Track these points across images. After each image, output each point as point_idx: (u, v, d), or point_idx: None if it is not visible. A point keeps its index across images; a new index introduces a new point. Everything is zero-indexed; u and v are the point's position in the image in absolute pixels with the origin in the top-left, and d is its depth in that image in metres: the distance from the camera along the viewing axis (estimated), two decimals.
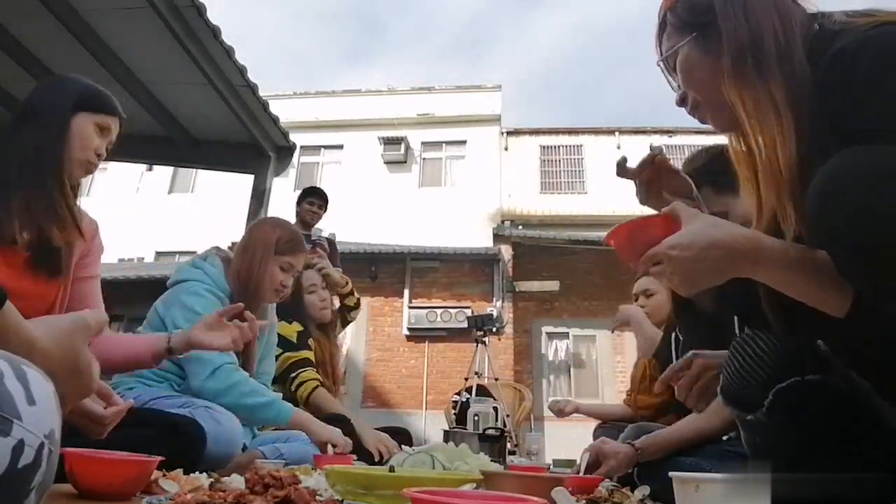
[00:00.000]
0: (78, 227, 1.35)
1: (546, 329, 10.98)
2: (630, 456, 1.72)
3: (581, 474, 1.70)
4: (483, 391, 5.42)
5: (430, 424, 8.95)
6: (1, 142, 1.34)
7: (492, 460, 1.63)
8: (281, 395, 1.91)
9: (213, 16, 3.38)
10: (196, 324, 1.47)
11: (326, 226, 4.28)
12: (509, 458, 2.55)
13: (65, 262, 1.39)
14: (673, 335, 2.26)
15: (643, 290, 2.64)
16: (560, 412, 2.98)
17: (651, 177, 1.28)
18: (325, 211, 4.11)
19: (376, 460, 2.21)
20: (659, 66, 1.08)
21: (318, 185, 4.61)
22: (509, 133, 13.35)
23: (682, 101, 1.05)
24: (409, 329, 10.36)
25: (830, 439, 0.96)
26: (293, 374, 2.51)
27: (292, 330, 2.62)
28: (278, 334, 2.54)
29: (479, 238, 11.20)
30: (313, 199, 4.06)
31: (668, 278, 0.89)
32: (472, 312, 7.88)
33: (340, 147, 13.22)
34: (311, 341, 2.64)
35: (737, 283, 0.88)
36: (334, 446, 1.83)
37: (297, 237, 2.10)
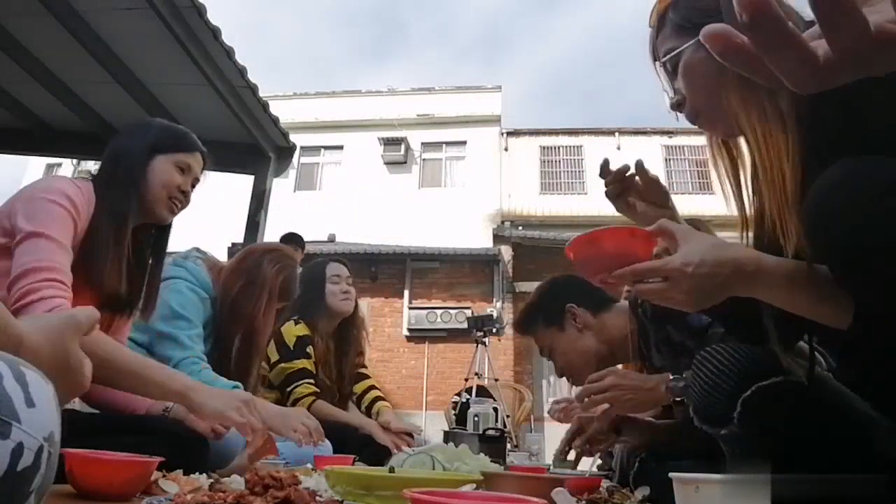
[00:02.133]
0: (122, 282, 1.41)
1: None
2: (611, 417, 1.74)
3: (563, 447, 1.75)
4: (483, 392, 5.42)
5: (430, 425, 8.94)
6: (97, 190, 1.41)
7: (491, 461, 1.63)
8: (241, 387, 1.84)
9: (223, 16, 3.38)
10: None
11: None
12: (509, 459, 2.55)
13: (146, 303, 1.53)
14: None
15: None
16: (561, 420, 2.97)
17: (623, 188, 1.30)
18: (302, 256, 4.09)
19: (394, 453, 2.22)
20: (656, 67, 1.03)
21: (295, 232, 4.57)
22: (509, 134, 13.36)
23: (677, 106, 0.99)
24: (409, 330, 10.36)
25: (805, 437, 0.96)
26: (289, 389, 2.46)
27: (292, 334, 2.53)
28: (279, 334, 2.51)
29: (479, 239, 11.20)
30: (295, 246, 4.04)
31: (672, 297, 0.86)
32: (472, 313, 7.88)
33: (340, 148, 13.23)
34: (309, 349, 2.55)
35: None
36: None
37: (294, 283, 2.12)
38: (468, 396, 4.34)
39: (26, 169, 12.97)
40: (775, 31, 0.38)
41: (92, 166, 13.37)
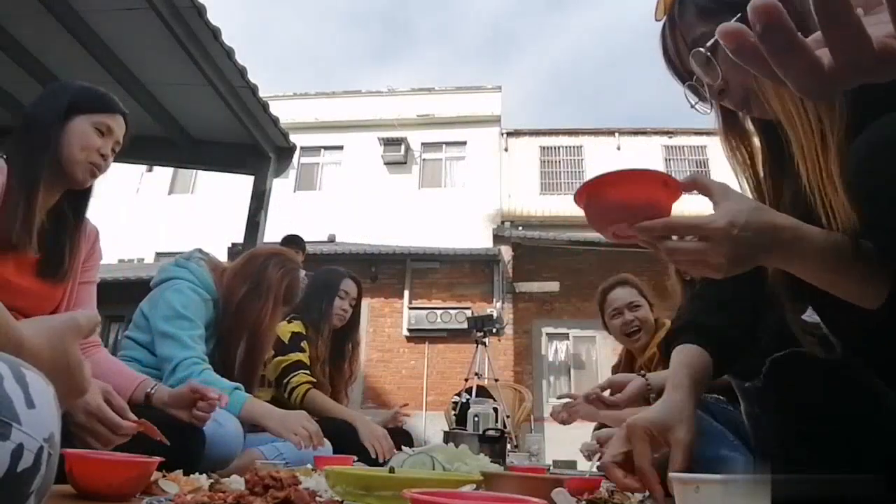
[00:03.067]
0: (31, 239, 1.34)
1: (546, 330, 10.97)
2: (641, 387, 1.80)
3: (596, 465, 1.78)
4: (483, 392, 5.42)
5: (430, 425, 8.95)
6: (9, 152, 1.38)
7: (491, 461, 1.62)
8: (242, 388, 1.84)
9: (228, 16, 3.38)
10: (175, 390, 1.51)
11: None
12: (509, 459, 2.55)
13: (69, 265, 1.44)
14: None
15: (627, 302, 2.40)
16: (563, 422, 2.98)
17: None
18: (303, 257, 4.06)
19: (373, 457, 2.21)
20: (670, 61, 0.96)
21: (297, 234, 4.52)
22: (509, 134, 13.36)
23: (720, 93, 0.91)
24: (409, 330, 10.36)
25: (825, 415, 0.95)
26: (286, 380, 2.48)
27: (287, 330, 2.56)
28: None
29: (479, 239, 11.20)
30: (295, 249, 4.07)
31: (709, 259, 0.78)
32: (472, 313, 7.88)
33: (340, 148, 13.23)
34: (304, 343, 2.59)
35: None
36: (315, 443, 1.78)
37: (298, 288, 2.11)
38: (468, 397, 4.34)
39: None
40: (785, 40, 0.41)
41: None
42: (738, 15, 0.90)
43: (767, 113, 0.92)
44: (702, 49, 0.88)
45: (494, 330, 6.64)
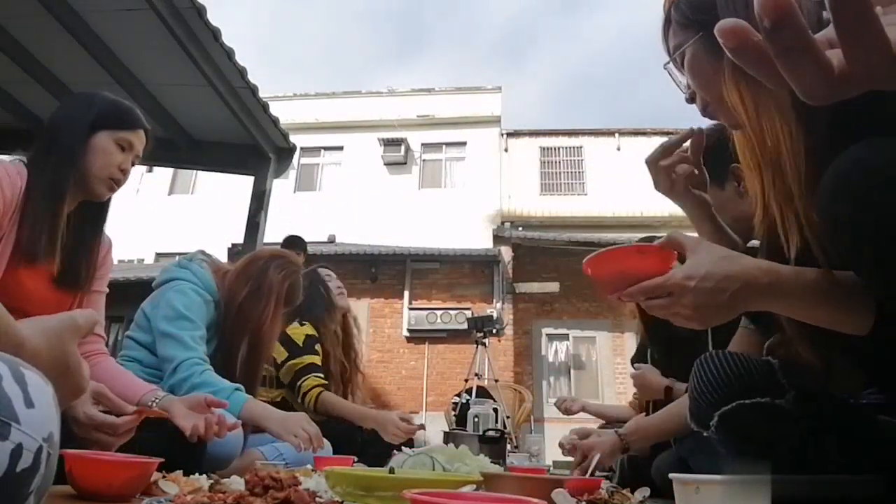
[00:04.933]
0: (55, 256, 1.37)
1: (546, 330, 10.97)
2: (615, 443, 1.75)
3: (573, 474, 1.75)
4: (483, 392, 5.42)
5: (430, 426, 8.93)
6: (32, 164, 1.40)
7: (491, 462, 1.62)
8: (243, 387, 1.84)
9: (244, 16, 3.39)
10: (182, 399, 1.50)
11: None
12: (509, 460, 2.55)
13: (88, 275, 1.48)
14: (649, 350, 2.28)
15: None
16: (567, 411, 2.99)
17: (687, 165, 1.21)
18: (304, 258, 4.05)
19: (397, 443, 2.26)
20: (665, 67, 1.03)
21: (297, 235, 4.49)
22: (509, 134, 13.35)
23: (691, 100, 1.00)
24: (409, 330, 10.36)
25: (778, 462, 0.94)
26: (298, 383, 2.50)
27: (301, 333, 2.59)
28: (286, 335, 2.55)
29: (479, 239, 11.20)
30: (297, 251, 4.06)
31: (677, 312, 0.84)
32: (473, 314, 7.89)
33: (340, 148, 13.23)
34: (317, 346, 2.61)
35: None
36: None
37: (300, 290, 2.13)
38: (468, 397, 4.35)
39: None
40: (795, 39, 0.37)
41: None
42: (700, 34, 0.91)
43: (729, 122, 0.96)
44: (668, 61, 0.96)
45: (494, 330, 6.65)
